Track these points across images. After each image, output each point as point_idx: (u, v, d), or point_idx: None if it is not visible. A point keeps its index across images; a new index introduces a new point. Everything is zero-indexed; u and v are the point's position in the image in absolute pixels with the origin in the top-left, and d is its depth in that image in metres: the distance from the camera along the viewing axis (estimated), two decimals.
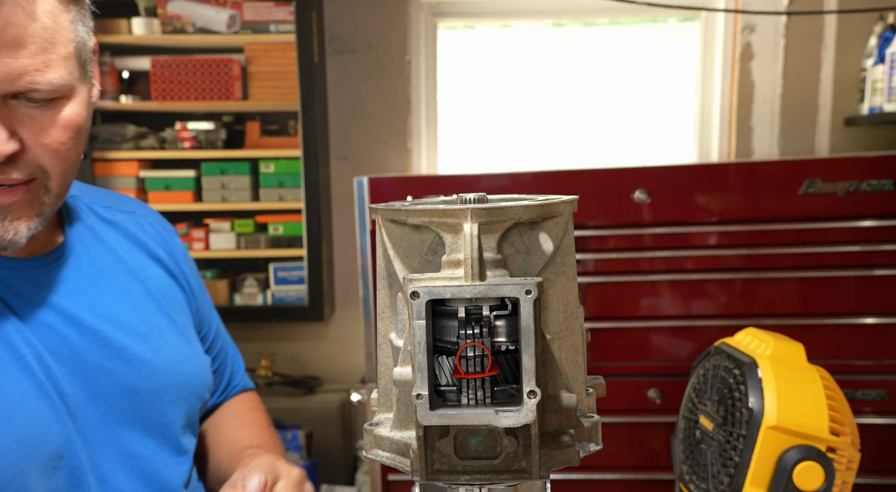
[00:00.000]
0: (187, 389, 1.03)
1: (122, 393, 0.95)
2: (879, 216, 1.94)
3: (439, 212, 0.57)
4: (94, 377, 0.93)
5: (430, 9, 2.88)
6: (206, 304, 1.18)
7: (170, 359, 1.01)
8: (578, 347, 0.62)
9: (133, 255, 1.05)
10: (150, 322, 1.01)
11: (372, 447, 0.63)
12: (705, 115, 2.91)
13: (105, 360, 0.94)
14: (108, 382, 0.94)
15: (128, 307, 0.99)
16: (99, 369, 0.93)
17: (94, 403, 0.92)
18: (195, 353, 1.07)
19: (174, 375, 1.01)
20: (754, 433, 1.15)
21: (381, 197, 2.04)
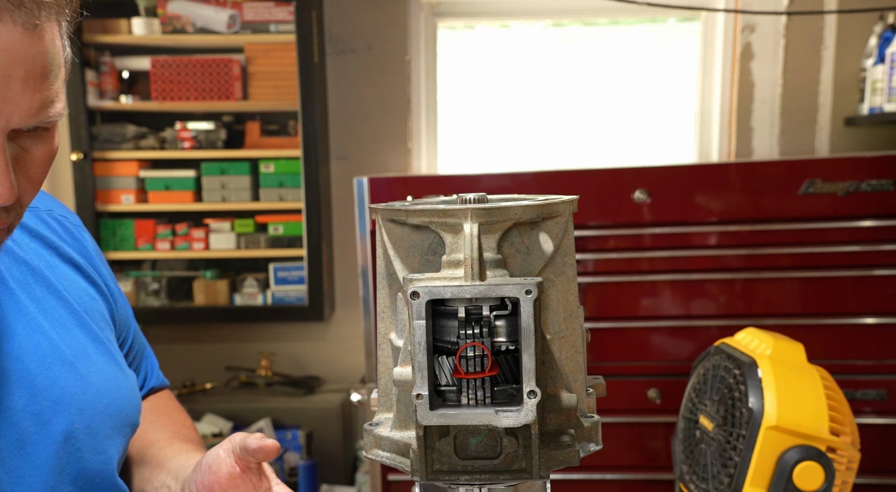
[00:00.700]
0: (121, 418, 0.91)
1: (52, 438, 0.83)
2: (879, 216, 1.94)
3: (439, 212, 0.57)
4: (20, 424, 0.81)
5: (430, 9, 2.88)
6: (122, 303, 1.04)
7: (101, 388, 0.88)
8: (578, 347, 0.62)
9: (46, 262, 0.91)
10: (76, 346, 0.88)
11: (372, 447, 0.63)
12: (705, 116, 2.91)
13: (28, 403, 0.82)
14: (34, 427, 0.82)
15: (49, 332, 0.86)
16: (23, 415, 0.81)
17: (20, 453, 0.81)
18: (124, 375, 0.94)
19: (107, 405, 0.89)
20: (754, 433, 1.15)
21: (381, 197, 2.04)
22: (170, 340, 2.98)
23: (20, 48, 0.65)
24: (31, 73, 0.67)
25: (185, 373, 2.93)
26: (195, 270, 2.96)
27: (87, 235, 1.01)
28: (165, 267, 2.95)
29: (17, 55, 0.65)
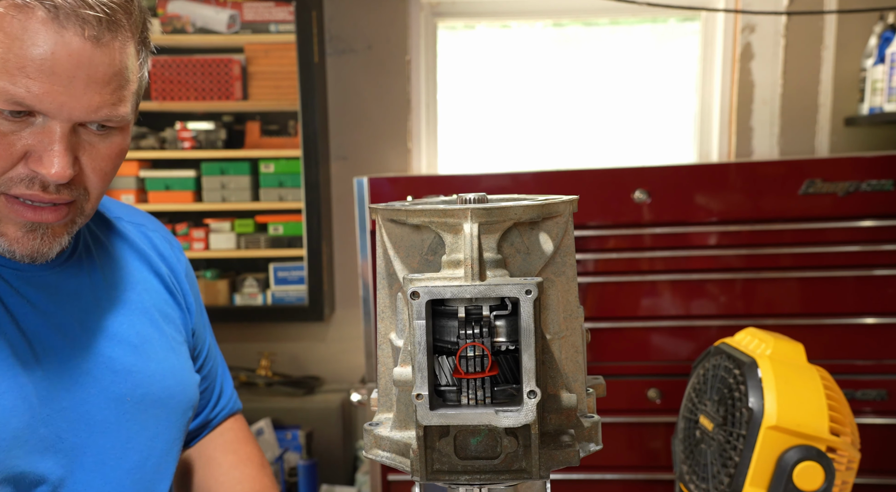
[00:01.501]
0: (172, 403, 1.03)
1: (107, 402, 0.96)
2: (879, 216, 1.94)
3: (439, 212, 0.57)
4: (82, 383, 0.94)
5: (430, 9, 2.88)
6: (202, 323, 1.19)
7: (157, 371, 1.01)
8: (578, 347, 0.62)
9: (135, 266, 1.08)
10: (143, 334, 1.02)
11: (372, 447, 0.63)
12: (705, 116, 2.91)
13: (92, 368, 0.95)
14: (95, 389, 0.95)
15: (122, 318, 1.01)
16: (86, 377, 0.95)
17: (78, 410, 0.93)
18: (183, 368, 1.07)
19: (161, 388, 1.01)
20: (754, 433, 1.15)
21: (381, 197, 2.04)
22: None
23: (85, 55, 0.80)
24: (92, 78, 0.81)
25: None
26: (195, 269, 2.95)
27: (183, 257, 1.20)
28: None
29: (81, 61, 0.80)
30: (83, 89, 0.81)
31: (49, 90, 0.79)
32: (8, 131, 0.81)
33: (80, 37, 0.79)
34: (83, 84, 0.81)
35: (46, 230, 0.87)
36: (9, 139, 0.81)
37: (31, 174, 0.83)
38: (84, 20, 0.79)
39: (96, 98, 0.82)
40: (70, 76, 0.80)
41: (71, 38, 0.78)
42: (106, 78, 0.82)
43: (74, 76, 0.80)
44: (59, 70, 0.79)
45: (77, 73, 0.80)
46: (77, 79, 0.80)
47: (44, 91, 0.79)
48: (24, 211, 0.85)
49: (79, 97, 0.81)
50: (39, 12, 0.77)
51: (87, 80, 0.81)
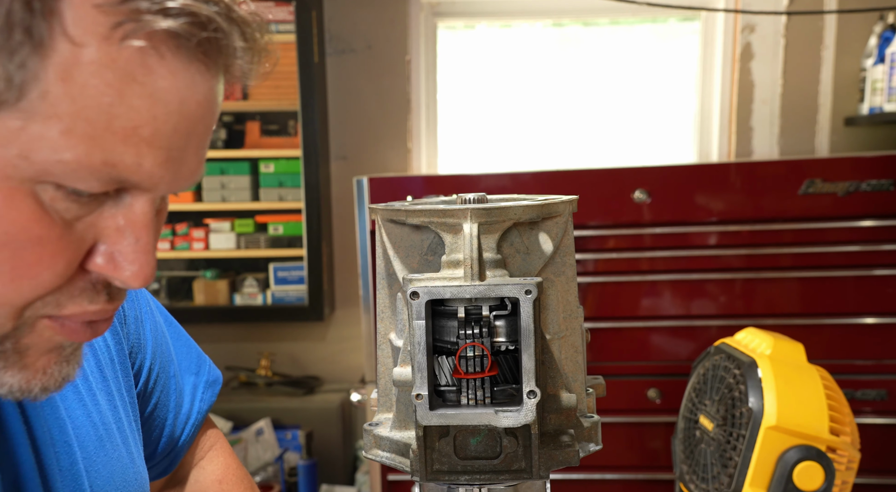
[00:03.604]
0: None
1: None
2: (879, 216, 1.94)
3: (439, 212, 0.57)
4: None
5: (430, 9, 2.88)
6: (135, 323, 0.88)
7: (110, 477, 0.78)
8: (578, 347, 0.62)
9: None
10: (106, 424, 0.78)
11: (372, 447, 0.63)
12: (705, 116, 2.91)
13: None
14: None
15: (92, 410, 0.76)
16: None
17: None
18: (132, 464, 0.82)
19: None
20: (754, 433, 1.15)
21: (381, 197, 2.04)
22: None
23: (208, 105, 0.53)
24: (206, 134, 0.55)
25: None
26: (195, 269, 2.96)
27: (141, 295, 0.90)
28: (165, 267, 2.95)
29: (205, 113, 0.52)
30: (195, 152, 0.53)
31: (163, 160, 0.50)
32: (73, 219, 0.50)
33: (207, 78, 0.51)
34: (196, 145, 0.53)
35: (77, 349, 0.60)
36: (74, 234, 0.51)
37: (97, 278, 0.54)
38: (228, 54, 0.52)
39: (199, 161, 0.55)
40: (188, 134, 0.52)
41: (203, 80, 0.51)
42: (211, 131, 0.56)
43: (192, 134, 0.52)
44: (182, 129, 0.51)
45: (196, 129, 0.52)
46: (193, 138, 0.52)
47: (157, 162, 0.50)
48: (79, 331, 0.56)
49: (189, 163, 0.53)
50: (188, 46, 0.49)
51: (201, 138, 0.54)
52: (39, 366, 0.56)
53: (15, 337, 0.53)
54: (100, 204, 0.51)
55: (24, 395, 0.57)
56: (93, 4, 0.45)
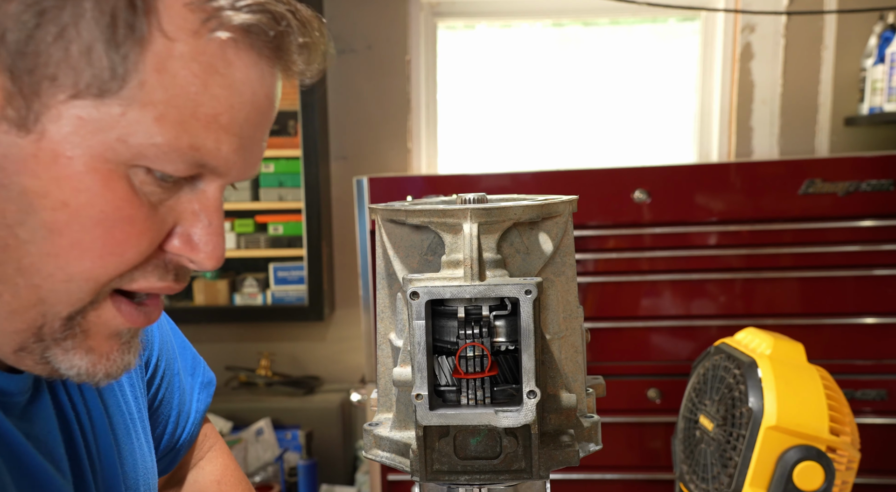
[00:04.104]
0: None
1: None
2: (879, 216, 1.94)
3: (439, 212, 0.57)
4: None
5: (430, 9, 2.88)
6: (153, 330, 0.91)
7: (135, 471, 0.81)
8: (578, 347, 0.62)
9: None
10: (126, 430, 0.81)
11: (372, 447, 0.63)
12: (705, 116, 2.91)
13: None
14: None
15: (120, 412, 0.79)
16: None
17: None
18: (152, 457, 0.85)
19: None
20: (754, 433, 1.15)
21: (381, 197, 2.04)
22: None
23: (273, 96, 0.58)
24: (270, 124, 0.60)
25: None
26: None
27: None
28: None
29: (271, 104, 0.58)
30: (260, 142, 0.59)
31: (237, 147, 0.56)
32: (158, 202, 0.56)
33: (273, 72, 0.57)
34: (262, 135, 0.59)
35: (135, 336, 0.63)
36: (158, 215, 0.56)
37: (171, 259, 0.59)
38: (291, 51, 0.57)
39: (262, 152, 0.60)
40: (257, 124, 0.57)
41: (270, 74, 0.57)
42: (272, 124, 0.61)
43: (260, 124, 0.57)
44: (255, 118, 0.56)
45: (263, 120, 0.58)
46: (261, 128, 0.58)
47: (232, 148, 0.55)
48: (137, 315, 0.60)
49: (255, 152, 0.59)
50: (260, 41, 0.54)
51: (265, 129, 0.59)
52: (104, 351, 0.60)
53: (84, 312, 0.57)
54: (179, 189, 0.56)
55: (90, 379, 0.60)
56: (183, 3, 0.51)
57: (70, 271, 0.54)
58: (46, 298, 0.55)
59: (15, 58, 0.50)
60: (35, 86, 0.50)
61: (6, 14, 0.49)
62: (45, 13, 0.49)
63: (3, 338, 0.57)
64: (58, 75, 0.50)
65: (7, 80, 0.50)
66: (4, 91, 0.50)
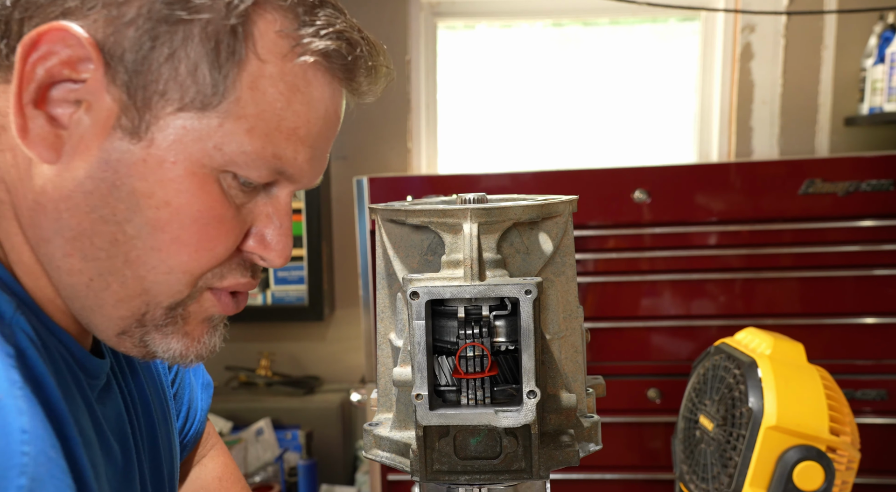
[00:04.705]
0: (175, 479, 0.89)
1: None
2: (879, 216, 1.94)
3: (439, 212, 0.57)
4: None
5: (430, 9, 2.88)
6: None
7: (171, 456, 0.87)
8: (578, 347, 0.62)
9: None
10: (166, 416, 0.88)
11: (372, 447, 0.63)
12: (705, 116, 2.91)
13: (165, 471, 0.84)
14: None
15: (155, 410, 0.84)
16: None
17: None
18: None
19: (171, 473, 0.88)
20: (754, 433, 1.15)
21: (381, 197, 2.04)
22: None
23: (340, 113, 0.66)
24: (334, 137, 0.68)
25: None
26: None
27: None
28: None
29: (338, 119, 0.66)
30: (328, 151, 0.67)
31: (310, 157, 0.63)
32: (241, 204, 0.63)
33: (341, 91, 0.65)
34: (330, 145, 0.67)
35: (222, 321, 0.71)
36: (241, 216, 0.63)
37: (247, 257, 0.66)
38: (360, 73, 0.65)
39: (327, 162, 0.68)
40: (327, 137, 0.65)
41: (340, 93, 0.65)
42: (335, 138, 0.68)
43: (329, 138, 0.66)
44: (325, 132, 0.64)
45: (331, 134, 0.66)
46: (329, 141, 0.66)
47: (307, 158, 0.63)
48: (230, 304, 0.69)
49: (323, 162, 0.67)
50: (336, 65, 0.62)
51: (332, 141, 0.67)
52: (196, 334, 0.67)
53: (185, 304, 0.64)
54: (256, 194, 0.63)
55: (182, 360, 0.67)
56: (275, 31, 0.59)
57: (171, 264, 0.60)
58: (150, 288, 0.61)
59: (132, 75, 0.57)
60: (147, 100, 0.57)
61: (126, 37, 0.56)
62: (158, 37, 0.56)
63: (109, 322, 0.63)
64: (167, 91, 0.57)
65: (124, 95, 0.57)
66: (121, 103, 0.57)
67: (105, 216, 0.59)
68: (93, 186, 0.58)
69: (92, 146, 0.58)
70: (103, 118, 0.57)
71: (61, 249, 0.60)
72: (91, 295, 0.62)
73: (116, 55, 0.56)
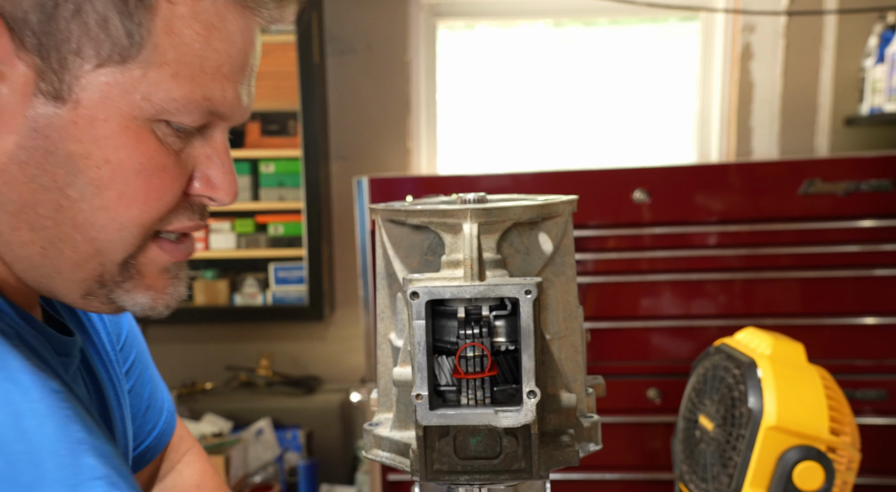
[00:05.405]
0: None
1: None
2: (879, 216, 1.94)
3: (439, 212, 0.57)
4: None
5: (430, 9, 2.88)
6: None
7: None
8: (578, 347, 0.62)
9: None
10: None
11: (372, 447, 0.63)
12: (705, 115, 2.91)
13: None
14: None
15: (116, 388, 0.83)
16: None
17: None
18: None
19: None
20: (754, 433, 1.15)
21: (381, 197, 2.03)
22: (170, 340, 2.98)
23: (256, 43, 0.66)
24: (256, 69, 0.67)
25: (185, 373, 2.93)
26: (195, 269, 2.96)
27: None
28: None
29: (255, 50, 0.65)
30: (251, 85, 0.67)
31: (238, 93, 0.64)
32: (179, 150, 0.63)
33: (254, 23, 0.65)
34: (254, 77, 0.67)
35: (182, 270, 0.71)
36: (181, 161, 0.63)
37: (195, 200, 0.66)
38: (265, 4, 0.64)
39: (254, 95, 0.68)
40: (251, 71, 0.65)
41: (253, 26, 0.64)
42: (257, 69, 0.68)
43: (252, 70, 0.66)
44: (248, 65, 0.64)
45: (253, 66, 0.66)
46: (253, 72, 0.66)
47: (235, 94, 0.63)
48: (177, 250, 0.68)
49: (250, 95, 0.67)
50: None
51: (253, 73, 0.67)
52: (160, 286, 0.68)
53: (135, 256, 0.64)
54: (192, 138, 0.64)
55: (152, 312, 0.68)
56: None
57: (122, 221, 0.61)
58: (104, 248, 0.62)
59: (40, 37, 0.56)
60: (63, 60, 0.56)
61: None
62: None
63: (71, 286, 0.64)
64: (81, 48, 0.56)
65: (37, 58, 0.56)
66: (35, 68, 0.56)
67: (45, 184, 0.59)
68: (26, 156, 0.58)
69: (16, 116, 0.57)
70: (21, 86, 0.56)
71: (8, 223, 0.60)
72: (47, 263, 0.62)
73: (19, 18, 0.55)
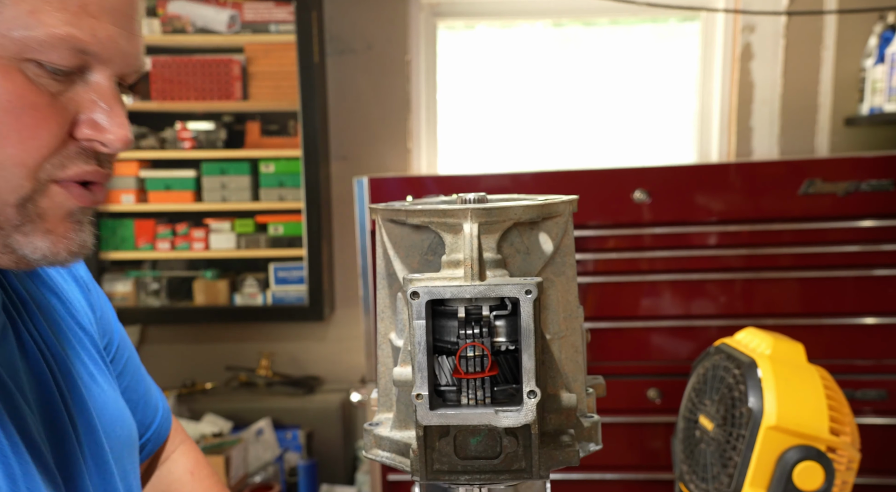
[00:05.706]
0: (131, 443, 0.87)
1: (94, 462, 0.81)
2: (879, 216, 1.94)
3: (439, 212, 0.57)
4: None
5: (430, 9, 2.88)
6: (104, 307, 0.93)
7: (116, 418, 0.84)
8: (578, 347, 0.62)
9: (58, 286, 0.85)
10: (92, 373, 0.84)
11: (372, 447, 0.63)
12: (705, 116, 2.91)
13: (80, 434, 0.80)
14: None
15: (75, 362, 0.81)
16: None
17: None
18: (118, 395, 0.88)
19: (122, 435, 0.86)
20: (754, 433, 1.15)
21: (381, 197, 2.04)
22: (170, 340, 2.98)
23: None
24: (138, 17, 0.66)
25: (186, 373, 2.93)
26: (195, 270, 2.96)
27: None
28: (165, 267, 2.95)
29: None
30: (134, 30, 0.66)
31: (112, 33, 0.63)
32: (56, 92, 0.62)
33: None
34: (135, 23, 0.66)
35: (87, 217, 0.69)
36: (59, 103, 0.63)
37: (86, 145, 0.65)
38: None
39: (140, 44, 0.67)
40: (127, 15, 0.64)
41: None
42: (140, 17, 0.67)
43: (130, 15, 0.65)
44: (122, 6, 0.64)
45: (130, 8, 0.65)
46: (132, 18, 0.65)
47: (108, 34, 0.62)
48: (85, 195, 0.67)
49: (133, 41, 0.66)
50: None
51: (135, 17, 0.66)
52: (61, 232, 0.66)
53: (34, 200, 0.64)
54: (72, 82, 0.63)
55: (54, 259, 0.67)
56: None
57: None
58: None
59: None
60: None
61: None
62: None
63: None
64: None
65: None
66: None
67: None
68: None
69: None
70: None
71: None
72: None
73: None
